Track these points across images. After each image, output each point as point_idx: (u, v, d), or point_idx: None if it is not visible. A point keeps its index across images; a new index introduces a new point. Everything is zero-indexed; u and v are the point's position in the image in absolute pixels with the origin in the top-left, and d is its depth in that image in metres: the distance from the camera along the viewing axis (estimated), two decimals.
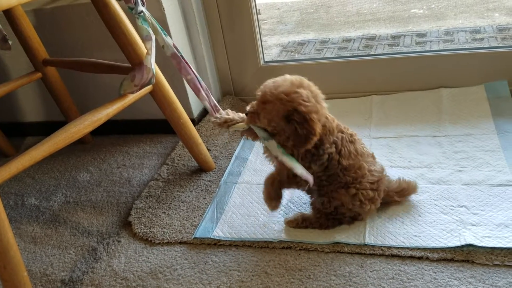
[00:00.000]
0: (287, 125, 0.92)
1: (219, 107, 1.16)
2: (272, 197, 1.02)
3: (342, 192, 0.99)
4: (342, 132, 0.99)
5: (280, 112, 0.91)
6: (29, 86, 1.64)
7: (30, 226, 1.26)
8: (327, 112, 0.98)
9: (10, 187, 1.47)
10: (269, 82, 0.95)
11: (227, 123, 1.04)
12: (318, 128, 0.91)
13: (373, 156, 1.04)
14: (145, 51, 1.12)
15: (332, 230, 1.03)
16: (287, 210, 1.12)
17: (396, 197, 1.05)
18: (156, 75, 1.18)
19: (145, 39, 1.07)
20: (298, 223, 1.05)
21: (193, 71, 1.11)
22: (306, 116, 0.89)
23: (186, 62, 1.10)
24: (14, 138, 1.78)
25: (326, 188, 1.01)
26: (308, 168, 0.97)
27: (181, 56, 1.09)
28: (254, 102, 0.98)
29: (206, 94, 1.12)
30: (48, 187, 1.44)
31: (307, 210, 1.11)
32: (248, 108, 0.99)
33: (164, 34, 1.05)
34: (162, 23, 1.39)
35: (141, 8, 1.02)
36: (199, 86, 1.12)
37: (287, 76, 0.94)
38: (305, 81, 0.94)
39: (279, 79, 0.94)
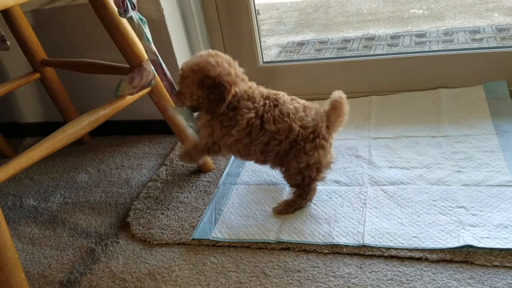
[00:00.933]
0: (200, 90, 1.00)
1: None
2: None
3: (287, 158, 1.04)
4: (268, 98, 1.03)
5: (195, 81, 0.99)
6: (28, 87, 1.63)
7: (28, 227, 1.26)
8: (247, 80, 1.06)
9: (9, 188, 1.47)
10: (190, 59, 1.03)
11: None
12: (229, 91, 0.99)
13: (304, 106, 1.05)
14: (143, 51, 1.12)
15: (331, 231, 1.03)
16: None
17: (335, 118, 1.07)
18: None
19: (147, 46, 1.08)
20: (287, 210, 1.10)
21: (169, 78, 1.14)
22: (216, 79, 0.98)
23: (164, 70, 1.12)
24: (13, 139, 1.78)
25: (278, 160, 1.06)
26: (229, 135, 1.03)
27: (160, 64, 1.11)
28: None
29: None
30: (46, 188, 1.44)
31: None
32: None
33: (148, 40, 1.06)
34: (160, 24, 1.39)
35: (130, 13, 1.02)
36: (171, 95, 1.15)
37: (199, 52, 1.04)
38: (215, 51, 1.03)
39: (198, 53, 1.03)
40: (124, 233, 1.16)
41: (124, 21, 1.12)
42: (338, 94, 1.05)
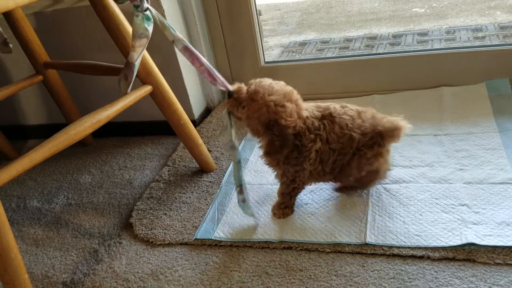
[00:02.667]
0: (265, 132, 0.98)
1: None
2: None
3: (349, 167, 1.03)
4: (324, 118, 1.01)
5: (262, 117, 0.96)
6: (31, 89, 1.64)
7: (32, 229, 1.27)
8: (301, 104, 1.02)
9: (13, 190, 1.48)
10: (266, 83, 0.98)
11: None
12: (294, 141, 0.99)
13: (359, 112, 1.03)
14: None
15: (333, 230, 1.03)
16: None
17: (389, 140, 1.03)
18: (156, 76, 1.18)
19: (139, 36, 1.05)
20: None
21: (206, 62, 1.09)
22: (284, 130, 0.96)
23: (197, 56, 1.07)
24: (16, 141, 1.79)
25: (341, 172, 1.05)
26: (302, 170, 1.02)
27: (192, 49, 1.07)
28: (241, 87, 1.01)
29: (222, 81, 1.07)
30: (50, 189, 1.44)
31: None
32: (233, 87, 1.01)
33: (173, 29, 1.04)
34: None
35: (146, 5, 1.01)
36: (215, 75, 1.07)
37: (282, 85, 0.99)
38: (295, 94, 1.00)
39: (276, 85, 0.98)
40: (127, 234, 1.17)
41: (125, 22, 1.13)
42: (398, 123, 1.01)
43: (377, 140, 1.00)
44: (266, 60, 1.67)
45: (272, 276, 0.95)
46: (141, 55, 1.08)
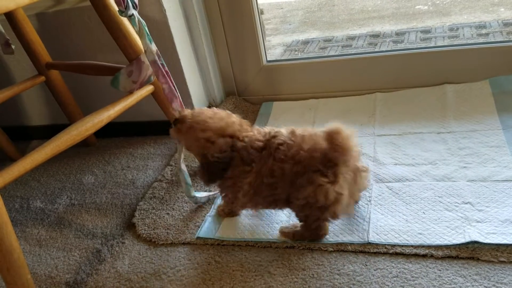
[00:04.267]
0: (200, 160, 1.00)
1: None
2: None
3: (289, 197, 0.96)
4: (263, 148, 0.96)
5: (195, 150, 1.01)
6: (33, 90, 1.65)
7: (35, 229, 1.27)
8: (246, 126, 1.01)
9: (16, 191, 1.48)
10: (201, 117, 0.99)
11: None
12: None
13: (303, 138, 0.93)
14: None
15: (335, 229, 1.02)
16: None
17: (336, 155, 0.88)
18: None
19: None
20: (290, 236, 1.02)
21: (171, 81, 1.11)
22: (210, 165, 0.97)
23: (166, 71, 1.10)
24: (20, 142, 1.79)
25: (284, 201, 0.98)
26: (236, 198, 1.01)
27: (162, 64, 1.09)
28: (185, 114, 1.02)
29: (181, 105, 1.14)
30: (53, 190, 1.45)
31: None
32: (179, 115, 1.03)
33: (150, 40, 1.05)
34: (163, 24, 1.40)
35: (131, 11, 1.02)
36: (174, 96, 1.12)
37: (220, 118, 0.99)
38: (234, 126, 0.98)
39: (211, 119, 0.98)
40: (129, 234, 1.17)
41: (126, 22, 1.13)
42: (334, 126, 0.86)
43: (311, 165, 0.89)
44: (268, 59, 1.67)
45: (274, 275, 0.95)
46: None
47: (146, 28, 1.05)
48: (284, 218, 1.09)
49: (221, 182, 1.01)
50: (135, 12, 1.02)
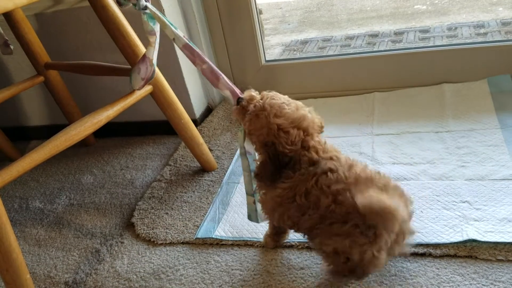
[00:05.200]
0: (261, 151, 0.88)
1: (240, 93, 1.00)
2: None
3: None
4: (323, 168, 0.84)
5: (261, 137, 0.86)
6: (32, 90, 1.65)
7: (34, 229, 1.27)
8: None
9: (15, 191, 1.48)
10: (278, 101, 0.86)
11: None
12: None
13: (357, 176, 0.83)
14: (144, 51, 1.12)
15: None
16: None
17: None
18: (156, 76, 1.18)
19: (150, 33, 1.06)
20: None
21: (208, 61, 1.04)
22: (279, 156, 0.85)
23: (199, 53, 1.03)
24: (19, 142, 1.79)
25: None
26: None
27: (194, 47, 1.03)
28: (253, 96, 0.90)
29: (226, 82, 1.01)
30: (52, 190, 1.45)
31: None
32: (245, 94, 0.92)
33: (174, 27, 1.02)
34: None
35: (144, 3, 1.00)
36: (217, 74, 1.02)
37: (296, 107, 0.86)
38: (307, 121, 0.86)
39: (288, 106, 0.86)
40: (128, 233, 1.17)
41: (125, 22, 1.13)
42: (373, 202, 0.75)
43: (354, 216, 0.78)
44: (267, 59, 1.67)
45: (273, 274, 0.95)
46: (156, 51, 1.08)
47: (166, 18, 1.02)
48: None
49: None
50: (149, 4, 1.00)
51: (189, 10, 1.50)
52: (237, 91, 0.99)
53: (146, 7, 1.01)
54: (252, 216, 1.01)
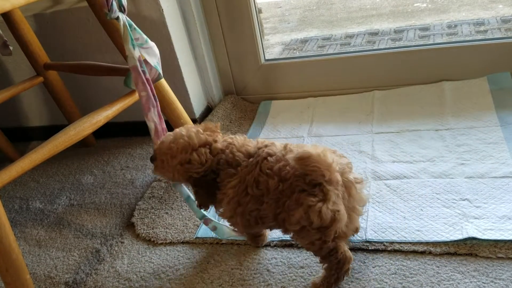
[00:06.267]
0: (187, 183, 0.94)
1: (163, 131, 1.08)
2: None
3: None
4: (251, 156, 0.88)
5: (180, 179, 0.92)
6: (32, 91, 1.65)
7: (34, 230, 1.27)
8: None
9: (15, 191, 1.49)
10: (165, 145, 0.91)
11: None
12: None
13: (286, 151, 0.86)
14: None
15: None
16: None
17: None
18: None
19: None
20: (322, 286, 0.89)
21: (151, 89, 1.05)
22: (200, 181, 0.89)
23: (147, 79, 1.04)
24: (19, 143, 1.80)
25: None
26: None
27: (143, 71, 1.04)
28: (155, 150, 0.95)
29: (159, 116, 1.06)
30: (52, 190, 1.45)
31: None
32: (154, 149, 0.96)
33: (133, 46, 1.02)
34: (161, 24, 1.40)
35: (116, 14, 0.99)
36: (152, 105, 1.05)
37: (183, 134, 0.90)
38: (199, 134, 0.90)
39: (176, 141, 0.89)
40: (129, 233, 1.17)
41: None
42: (302, 151, 0.77)
43: (298, 184, 0.80)
44: (267, 58, 1.67)
45: (273, 273, 0.95)
46: (151, 57, 1.08)
47: (131, 33, 1.02)
48: None
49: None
50: (121, 15, 1.00)
51: (188, 9, 1.50)
52: (161, 128, 1.05)
53: (118, 17, 1.00)
54: (218, 234, 1.03)
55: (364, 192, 0.87)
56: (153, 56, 1.09)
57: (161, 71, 1.12)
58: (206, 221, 1.02)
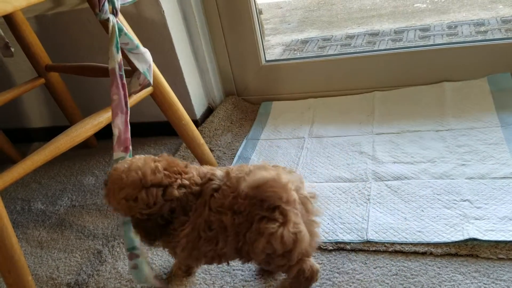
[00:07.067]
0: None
1: (130, 147, 1.04)
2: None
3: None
4: (200, 194, 0.83)
5: (122, 212, 0.84)
6: (34, 92, 1.65)
7: (36, 231, 1.28)
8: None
9: (17, 193, 1.49)
10: (120, 170, 0.82)
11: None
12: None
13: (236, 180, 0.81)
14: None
15: (335, 228, 1.03)
16: None
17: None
18: (156, 77, 1.18)
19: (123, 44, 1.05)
20: None
21: (124, 95, 1.03)
22: (139, 223, 0.81)
23: (123, 84, 1.02)
24: (21, 144, 1.80)
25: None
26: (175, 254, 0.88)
27: (121, 75, 1.02)
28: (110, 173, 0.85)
29: (125, 124, 1.04)
30: (54, 191, 1.45)
31: None
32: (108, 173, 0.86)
33: (117, 49, 1.01)
34: (162, 26, 1.40)
35: (107, 15, 0.98)
36: (121, 111, 1.03)
37: (138, 166, 0.81)
38: (155, 172, 0.81)
39: (129, 174, 0.80)
40: None
41: (125, 23, 1.13)
42: (252, 180, 0.75)
43: (255, 211, 0.76)
44: (268, 59, 1.67)
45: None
46: (142, 62, 1.08)
47: (118, 37, 1.01)
48: None
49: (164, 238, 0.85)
50: (111, 17, 0.99)
51: (189, 11, 1.50)
52: (124, 137, 1.02)
53: (108, 19, 0.99)
54: (134, 275, 0.95)
55: (316, 205, 0.84)
56: (143, 62, 1.09)
57: (151, 79, 1.11)
58: (131, 255, 0.94)
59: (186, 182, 0.82)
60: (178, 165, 0.84)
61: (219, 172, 0.84)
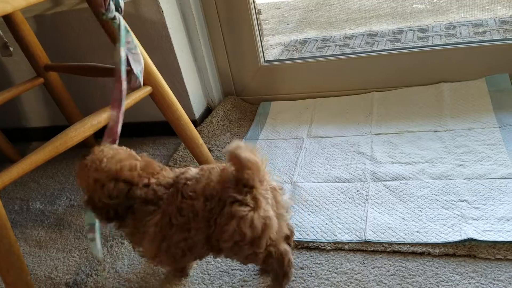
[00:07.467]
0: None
1: (117, 140, 1.02)
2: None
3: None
4: (172, 186, 0.84)
5: (86, 190, 0.85)
6: (33, 92, 1.65)
7: (35, 230, 1.28)
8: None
9: (16, 192, 1.49)
10: (104, 154, 0.83)
11: None
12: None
13: (209, 171, 0.83)
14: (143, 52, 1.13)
15: (333, 228, 1.03)
16: None
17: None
18: (155, 77, 1.18)
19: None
20: None
21: (122, 92, 1.03)
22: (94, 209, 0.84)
23: (120, 77, 1.03)
24: (19, 143, 1.80)
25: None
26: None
27: (118, 69, 1.02)
28: (92, 150, 0.87)
29: (118, 118, 1.02)
30: (52, 191, 1.45)
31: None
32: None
33: (121, 44, 1.01)
34: (161, 25, 1.40)
35: (113, 14, 0.98)
36: (118, 105, 1.03)
37: (121, 158, 0.84)
38: (132, 170, 0.83)
39: (114, 157, 0.83)
40: None
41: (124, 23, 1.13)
42: (232, 144, 0.77)
43: (227, 195, 0.77)
44: (266, 59, 1.67)
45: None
46: (133, 61, 1.08)
47: (130, 38, 1.02)
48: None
49: (119, 226, 0.86)
50: (118, 15, 0.99)
51: (188, 11, 1.50)
52: (114, 130, 1.00)
53: (114, 17, 0.99)
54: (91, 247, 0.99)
55: (285, 198, 0.85)
56: (137, 63, 1.09)
57: (141, 81, 1.12)
58: (91, 229, 0.97)
59: (154, 180, 0.84)
60: (154, 168, 0.86)
61: (194, 169, 0.86)
